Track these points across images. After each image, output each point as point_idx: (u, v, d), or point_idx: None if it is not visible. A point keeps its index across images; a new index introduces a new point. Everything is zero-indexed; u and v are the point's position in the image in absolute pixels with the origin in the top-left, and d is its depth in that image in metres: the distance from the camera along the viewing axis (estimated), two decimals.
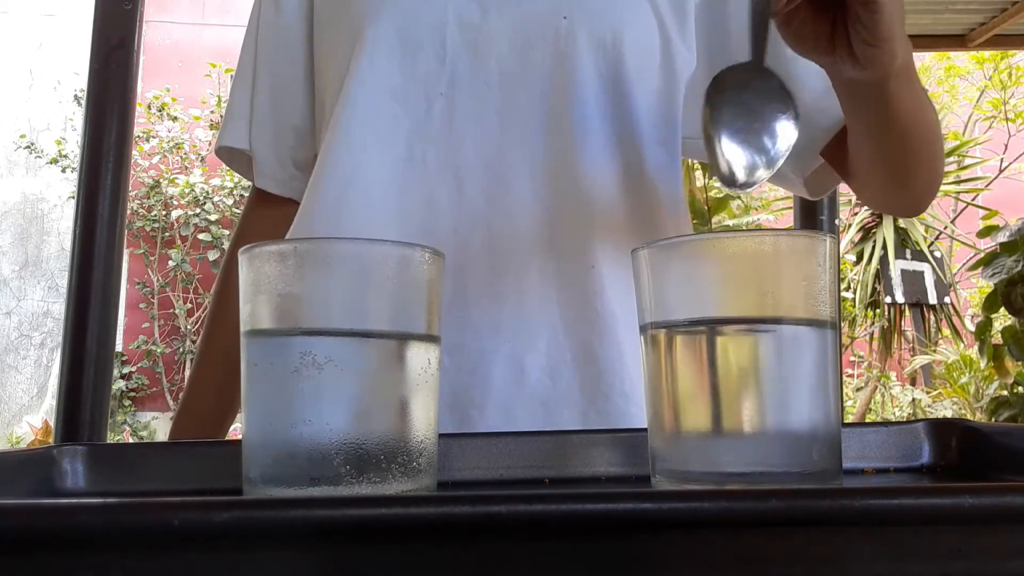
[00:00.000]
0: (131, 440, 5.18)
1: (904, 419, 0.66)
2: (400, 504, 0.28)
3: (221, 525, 0.26)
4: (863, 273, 4.76)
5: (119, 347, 5.33)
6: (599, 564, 0.28)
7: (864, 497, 0.28)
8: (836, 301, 0.42)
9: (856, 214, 4.94)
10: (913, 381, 5.19)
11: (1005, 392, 3.11)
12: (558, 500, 0.27)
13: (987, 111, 5.46)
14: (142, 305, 5.62)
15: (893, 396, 5.01)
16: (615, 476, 0.49)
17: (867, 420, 3.91)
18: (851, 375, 5.45)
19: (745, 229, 4.13)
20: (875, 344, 4.94)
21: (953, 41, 3.05)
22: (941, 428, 0.52)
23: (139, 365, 5.57)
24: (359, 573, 0.27)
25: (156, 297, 5.60)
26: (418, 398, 0.40)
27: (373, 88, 0.70)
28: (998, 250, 2.73)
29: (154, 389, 5.61)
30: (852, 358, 5.49)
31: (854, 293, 4.77)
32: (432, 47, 0.69)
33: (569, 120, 0.69)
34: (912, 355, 4.93)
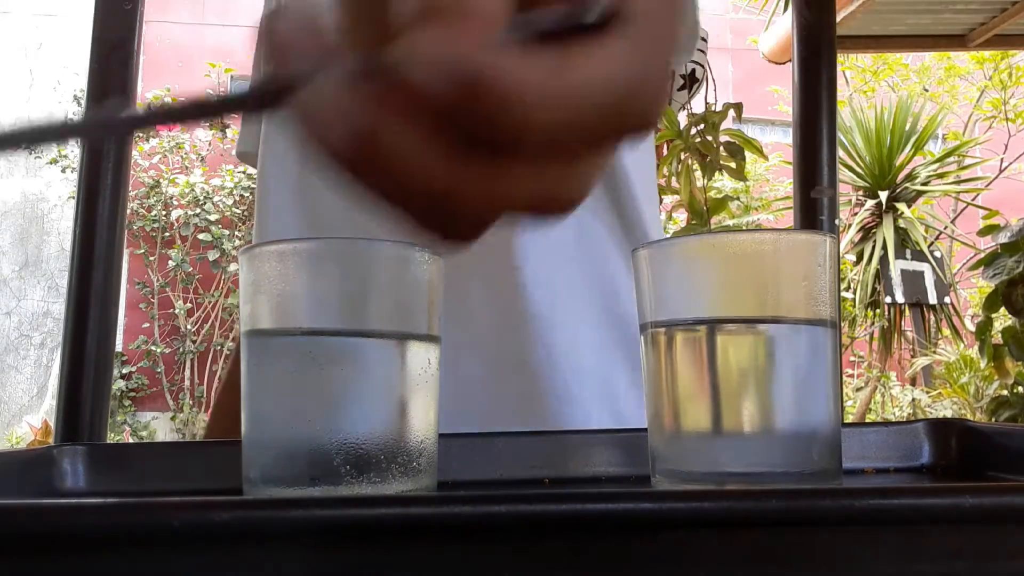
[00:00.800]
0: (131, 440, 5.18)
1: (904, 419, 0.66)
2: (400, 504, 0.28)
3: (221, 525, 0.26)
4: (863, 273, 4.75)
5: (119, 347, 5.33)
6: (599, 564, 0.28)
7: (864, 497, 0.28)
8: (836, 301, 0.42)
9: (856, 214, 4.94)
10: (913, 381, 5.18)
11: (1005, 392, 3.11)
12: (558, 500, 0.27)
13: (987, 111, 5.46)
14: (142, 305, 5.61)
15: (893, 396, 5.01)
16: (615, 476, 0.49)
17: (867, 420, 3.91)
18: (851, 375, 5.45)
19: (745, 229, 4.13)
20: (875, 344, 4.94)
21: (953, 41, 3.05)
22: (941, 428, 0.52)
23: (139, 365, 5.57)
24: (359, 573, 0.27)
25: (156, 297, 5.60)
26: (418, 398, 0.40)
27: None
28: (998, 250, 2.74)
29: (154, 389, 5.61)
30: (852, 358, 5.49)
31: (854, 293, 4.77)
32: None
33: None
34: (912, 355, 4.93)
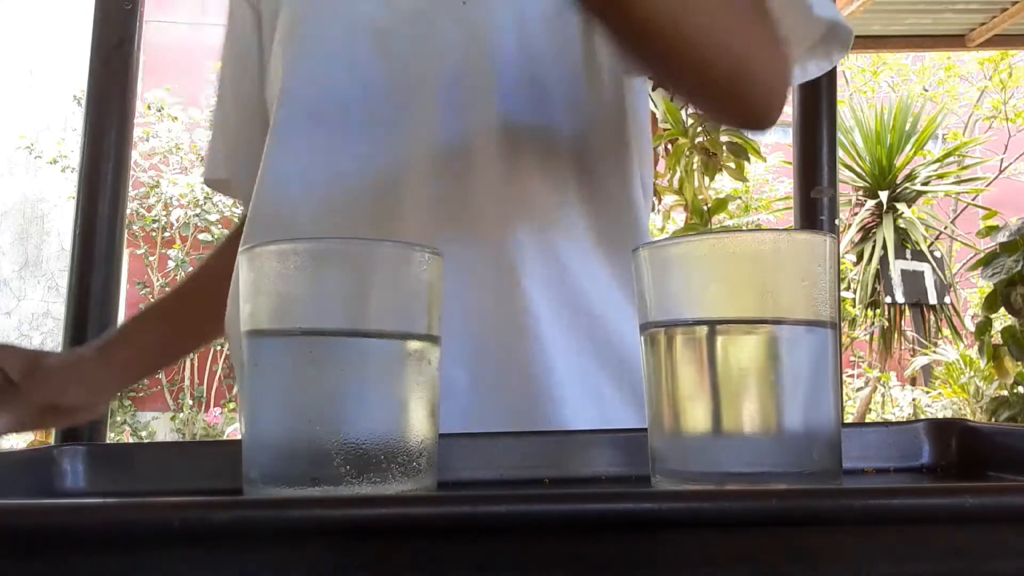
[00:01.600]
0: (131, 440, 5.18)
1: (904, 419, 0.66)
2: (400, 504, 0.28)
3: (221, 525, 0.26)
4: (863, 273, 4.76)
5: None
6: (599, 564, 0.28)
7: (864, 497, 0.28)
8: (836, 301, 0.42)
9: (856, 214, 4.95)
10: (913, 381, 5.19)
11: (1005, 392, 3.11)
12: (558, 500, 0.27)
13: (987, 111, 5.46)
14: (142, 306, 5.61)
15: (893, 396, 5.01)
16: (615, 476, 0.49)
17: (867, 420, 3.91)
18: (851, 375, 5.45)
19: (745, 229, 4.13)
20: (875, 344, 4.94)
21: (953, 41, 3.06)
22: (941, 428, 0.52)
23: None
24: (359, 573, 0.27)
25: (156, 297, 5.60)
26: (418, 398, 0.40)
27: (291, 110, 0.72)
28: (998, 250, 2.74)
29: (154, 389, 5.61)
30: (852, 358, 5.50)
31: (854, 293, 4.77)
32: (343, 57, 0.70)
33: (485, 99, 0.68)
34: (912, 355, 4.93)
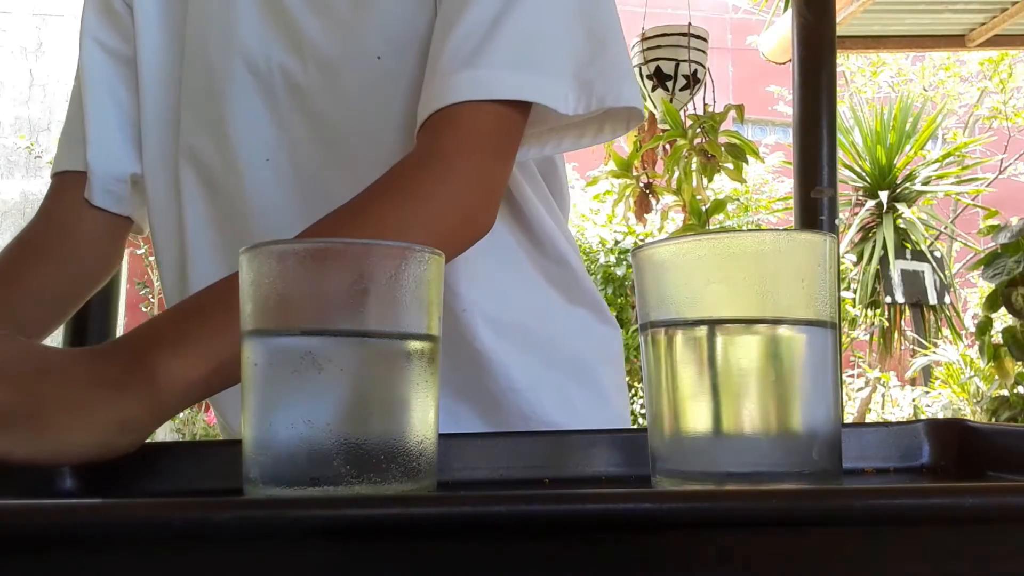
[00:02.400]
0: None
1: (904, 419, 0.66)
2: (400, 504, 0.28)
3: (221, 525, 0.26)
4: (863, 273, 4.76)
5: None
6: (599, 564, 0.28)
7: (864, 497, 0.28)
8: (836, 301, 0.42)
9: (856, 214, 4.95)
10: (913, 381, 5.18)
11: (1005, 392, 3.11)
12: (558, 500, 0.27)
13: (987, 111, 5.46)
14: (142, 305, 5.62)
15: (893, 397, 5.01)
16: (615, 476, 0.49)
17: (867, 420, 3.91)
18: (851, 375, 5.45)
19: (745, 229, 4.13)
20: (875, 344, 4.94)
21: (953, 41, 3.06)
22: (941, 428, 0.52)
23: None
24: (359, 573, 0.27)
25: (156, 297, 5.60)
26: (418, 398, 0.40)
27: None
28: (998, 250, 2.74)
29: None
30: (852, 358, 5.49)
31: (854, 293, 4.77)
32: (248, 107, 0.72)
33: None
34: (912, 355, 4.93)
